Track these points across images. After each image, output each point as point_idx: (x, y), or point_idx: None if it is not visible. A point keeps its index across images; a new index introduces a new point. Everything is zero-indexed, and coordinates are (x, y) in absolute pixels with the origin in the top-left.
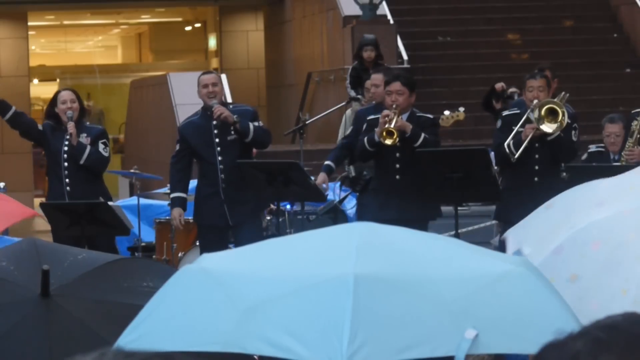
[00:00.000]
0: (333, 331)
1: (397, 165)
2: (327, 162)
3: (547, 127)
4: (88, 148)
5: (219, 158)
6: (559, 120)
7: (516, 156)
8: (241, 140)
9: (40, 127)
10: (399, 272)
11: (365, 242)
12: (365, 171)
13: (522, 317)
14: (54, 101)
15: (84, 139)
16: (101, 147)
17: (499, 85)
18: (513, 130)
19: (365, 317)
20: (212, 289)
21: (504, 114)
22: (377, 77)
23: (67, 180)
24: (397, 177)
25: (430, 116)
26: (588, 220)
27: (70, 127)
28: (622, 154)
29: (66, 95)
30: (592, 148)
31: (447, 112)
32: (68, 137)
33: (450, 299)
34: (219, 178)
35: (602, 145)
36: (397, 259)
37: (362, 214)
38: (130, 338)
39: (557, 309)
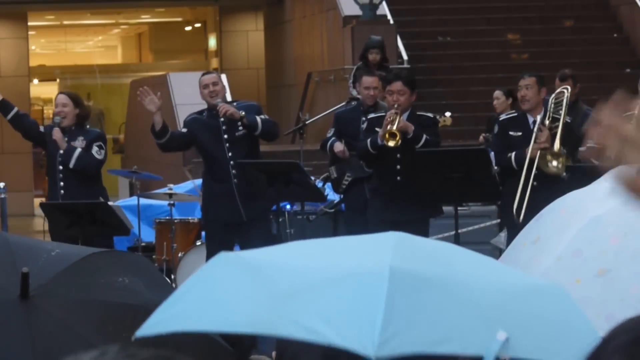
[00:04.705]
0: (366, 319)
1: (398, 167)
2: (332, 139)
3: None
4: (77, 151)
5: (229, 154)
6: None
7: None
8: (250, 135)
9: (42, 128)
10: (435, 273)
11: (402, 244)
12: (347, 172)
13: (553, 329)
14: None
15: (81, 142)
16: (95, 149)
17: None
18: (509, 134)
19: (398, 308)
20: (248, 275)
21: (500, 119)
22: (370, 80)
23: (61, 183)
24: (398, 178)
25: (431, 115)
26: (589, 216)
27: (55, 133)
28: None
29: (58, 99)
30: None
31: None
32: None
33: (484, 305)
34: (230, 174)
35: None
36: (433, 263)
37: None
38: (162, 317)
39: (588, 325)
